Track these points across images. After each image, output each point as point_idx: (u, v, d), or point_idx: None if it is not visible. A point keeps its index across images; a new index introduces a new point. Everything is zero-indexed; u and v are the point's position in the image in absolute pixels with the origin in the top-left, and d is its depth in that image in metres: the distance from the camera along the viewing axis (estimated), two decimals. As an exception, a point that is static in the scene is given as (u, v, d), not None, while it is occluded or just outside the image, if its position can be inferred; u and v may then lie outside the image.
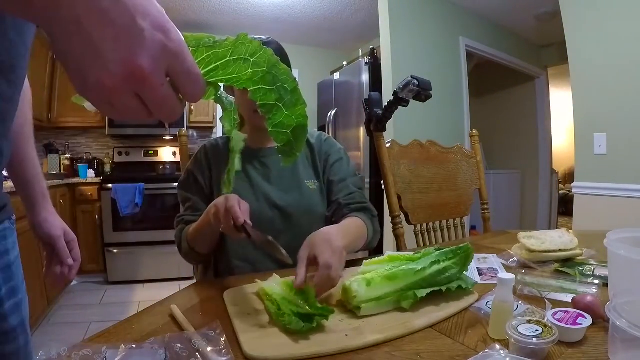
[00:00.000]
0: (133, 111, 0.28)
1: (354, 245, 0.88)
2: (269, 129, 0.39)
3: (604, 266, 0.78)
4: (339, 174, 1.04)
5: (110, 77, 0.26)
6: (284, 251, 0.69)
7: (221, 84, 0.36)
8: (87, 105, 0.30)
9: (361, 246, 0.94)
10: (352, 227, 0.90)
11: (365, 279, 0.61)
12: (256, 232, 0.73)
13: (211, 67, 0.33)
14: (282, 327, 0.55)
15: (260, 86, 0.36)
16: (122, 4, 0.25)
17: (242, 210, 0.74)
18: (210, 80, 0.33)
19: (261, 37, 0.97)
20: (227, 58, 0.34)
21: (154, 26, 0.27)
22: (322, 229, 0.78)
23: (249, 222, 0.73)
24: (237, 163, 0.39)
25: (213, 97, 0.35)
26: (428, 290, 0.62)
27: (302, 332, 0.53)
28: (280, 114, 0.38)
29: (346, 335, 0.54)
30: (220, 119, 0.42)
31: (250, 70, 0.35)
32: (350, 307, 0.61)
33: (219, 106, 0.41)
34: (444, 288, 0.64)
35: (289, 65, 1.00)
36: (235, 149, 0.39)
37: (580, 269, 0.79)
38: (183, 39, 0.28)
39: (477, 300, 0.65)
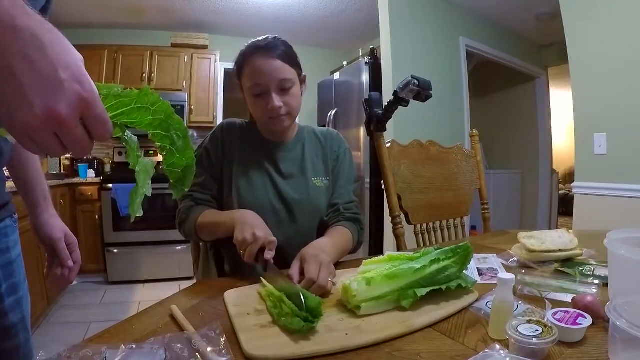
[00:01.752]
0: (52, 147, 0.33)
1: (340, 257, 0.93)
2: (165, 167, 0.46)
3: (604, 266, 0.78)
4: (343, 178, 1.07)
5: (34, 119, 0.31)
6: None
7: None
8: (10, 137, 0.34)
9: (343, 256, 0.97)
10: (340, 241, 0.94)
11: (366, 278, 0.61)
12: (274, 269, 0.75)
13: (118, 112, 0.40)
14: (283, 327, 0.55)
15: (158, 131, 0.43)
16: (48, 57, 0.31)
17: (267, 240, 0.77)
18: (116, 122, 0.40)
19: (267, 36, 0.97)
20: (132, 106, 0.41)
21: (73, 78, 0.32)
22: (315, 243, 0.84)
23: (271, 254, 0.77)
24: (148, 188, 0.45)
25: (120, 134, 0.42)
26: (428, 289, 0.62)
27: (302, 332, 0.53)
28: (173, 156, 0.45)
29: (346, 334, 0.54)
30: (125, 157, 0.47)
31: (150, 117, 0.42)
32: (350, 307, 0.61)
33: (219, 106, 0.46)
34: (443, 287, 0.64)
35: (298, 62, 0.99)
36: (147, 172, 0.44)
37: (580, 269, 0.79)
38: (95, 89, 0.34)
39: (477, 300, 0.65)
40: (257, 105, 0.95)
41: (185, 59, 3.72)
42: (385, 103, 1.10)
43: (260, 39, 0.96)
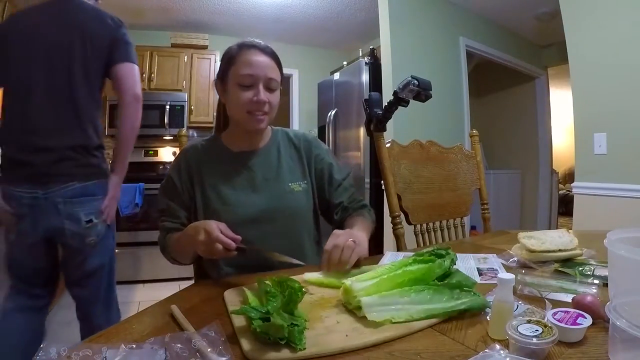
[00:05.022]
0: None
1: (368, 234, 0.96)
2: None
3: (604, 266, 0.78)
4: (337, 178, 1.08)
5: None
6: (287, 257, 0.80)
7: None
8: None
9: (370, 234, 1.00)
10: (364, 225, 0.98)
11: (376, 285, 0.62)
12: (251, 248, 0.80)
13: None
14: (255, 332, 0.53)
15: None
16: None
17: (224, 233, 0.77)
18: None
19: (260, 42, 0.98)
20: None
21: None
22: (343, 230, 0.87)
23: (238, 239, 0.78)
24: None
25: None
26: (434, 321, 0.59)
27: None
28: None
29: (346, 336, 0.54)
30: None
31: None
32: (350, 308, 0.61)
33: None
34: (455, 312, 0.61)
35: (282, 71, 1.00)
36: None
37: (580, 269, 0.79)
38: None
39: (477, 300, 0.65)
40: (242, 96, 0.93)
41: (185, 59, 3.72)
42: (385, 103, 1.10)
43: (254, 39, 0.99)
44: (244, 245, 0.79)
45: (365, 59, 3.09)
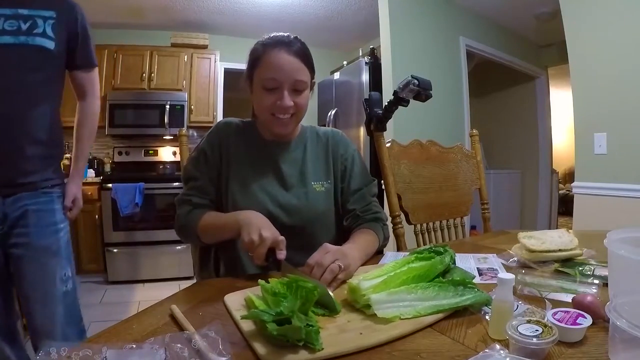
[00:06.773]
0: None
1: (366, 256, 0.91)
2: None
3: (604, 266, 0.78)
4: (356, 184, 1.05)
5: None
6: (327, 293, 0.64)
7: None
8: None
9: (371, 254, 0.95)
10: (364, 242, 0.93)
11: (383, 283, 0.62)
12: (289, 267, 0.76)
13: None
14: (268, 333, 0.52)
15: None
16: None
17: (275, 240, 0.78)
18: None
19: (288, 34, 0.94)
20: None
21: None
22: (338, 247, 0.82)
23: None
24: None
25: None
26: (440, 316, 0.60)
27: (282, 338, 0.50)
28: None
29: (360, 334, 0.54)
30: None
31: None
32: (358, 306, 0.61)
33: (219, 106, 0.45)
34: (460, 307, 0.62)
35: (313, 67, 0.97)
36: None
37: (580, 269, 0.79)
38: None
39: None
40: (266, 99, 0.91)
41: (185, 59, 3.72)
42: (385, 103, 1.10)
43: (281, 34, 0.94)
44: (282, 262, 0.78)
45: (365, 58, 3.09)
